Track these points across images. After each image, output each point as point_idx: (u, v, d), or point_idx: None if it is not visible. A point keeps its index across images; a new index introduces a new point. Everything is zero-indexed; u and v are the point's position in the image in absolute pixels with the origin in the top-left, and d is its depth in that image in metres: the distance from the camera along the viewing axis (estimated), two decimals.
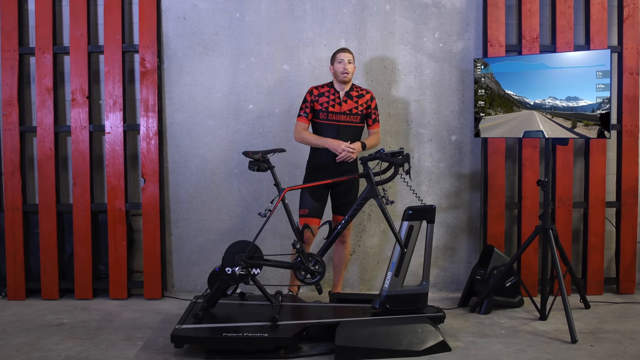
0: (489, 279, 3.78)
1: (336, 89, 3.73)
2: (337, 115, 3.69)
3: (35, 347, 3.19)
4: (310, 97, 3.72)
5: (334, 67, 3.71)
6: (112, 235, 4.11)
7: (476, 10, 4.17)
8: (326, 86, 3.76)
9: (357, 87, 3.78)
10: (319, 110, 3.70)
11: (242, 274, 3.29)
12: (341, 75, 3.67)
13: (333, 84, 3.75)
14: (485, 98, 3.82)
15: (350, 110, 3.70)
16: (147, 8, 4.08)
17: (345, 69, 3.65)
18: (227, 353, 3.06)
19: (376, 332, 3.08)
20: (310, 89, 3.75)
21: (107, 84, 4.10)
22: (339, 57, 3.68)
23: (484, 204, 4.15)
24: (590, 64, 3.45)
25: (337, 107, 3.69)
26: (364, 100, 3.74)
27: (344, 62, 3.66)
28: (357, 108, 3.71)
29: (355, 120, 3.71)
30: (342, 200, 3.74)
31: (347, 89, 3.73)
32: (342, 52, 3.70)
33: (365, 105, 3.74)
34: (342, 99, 3.71)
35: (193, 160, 4.23)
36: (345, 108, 3.70)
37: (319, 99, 3.71)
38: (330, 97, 3.71)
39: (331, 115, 3.69)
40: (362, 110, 3.73)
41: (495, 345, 3.19)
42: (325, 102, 3.70)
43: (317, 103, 3.71)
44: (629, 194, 4.16)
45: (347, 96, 3.72)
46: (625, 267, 4.17)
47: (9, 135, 4.12)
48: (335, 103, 3.70)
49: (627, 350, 3.11)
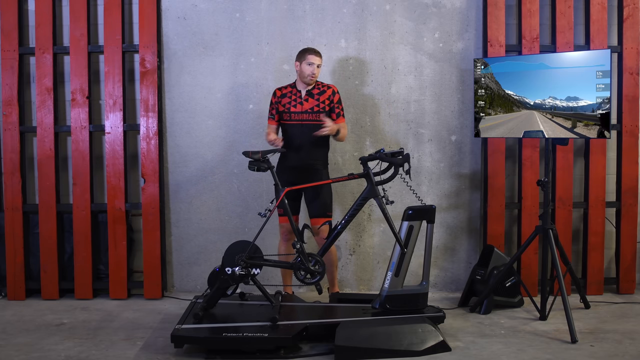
0: (489, 279, 3.78)
1: (298, 88, 3.73)
2: (300, 114, 3.68)
3: (35, 347, 3.19)
4: (274, 98, 3.74)
5: (301, 66, 3.67)
6: (112, 235, 4.11)
7: (476, 10, 4.16)
8: (289, 87, 3.77)
9: (319, 84, 3.76)
10: (283, 112, 3.71)
11: (242, 274, 3.29)
12: (308, 77, 3.65)
13: (296, 83, 3.75)
14: (485, 98, 3.82)
15: (311, 108, 3.69)
16: (147, 8, 4.08)
17: (313, 73, 3.65)
18: (227, 353, 3.06)
19: (376, 332, 3.08)
20: (275, 91, 3.77)
21: (107, 84, 4.10)
22: (310, 58, 3.64)
23: (484, 204, 4.15)
24: (590, 64, 3.45)
25: (299, 107, 3.69)
26: (325, 97, 3.72)
27: (314, 66, 3.64)
28: (318, 106, 3.70)
29: (317, 117, 3.68)
30: (314, 201, 3.71)
31: (310, 88, 3.73)
32: (313, 54, 3.66)
33: (328, 101, 3.73)
34: (303, 98, 3.70)
35: (193, 160, 4.23)
36: (306, 107, 3.69)
37: (281, 100, 3.72)
38: (292, 97, 3.71)
39: (294, 115, 3.69)
40: (324, 108, 3.71)
41: (495, 345, 3.19)
42: (287, 103, 3.71)
43: (280, 104, 3.72)
44: (629, 194, 4.16)
45: (309, 95, 3.71)
46: (625, 267, 4.16)
47: (9, 135, 4.13)
48: (297, 103, 3.70)
49: (627, 350, 3.11)
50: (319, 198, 3.70)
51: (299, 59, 3.69)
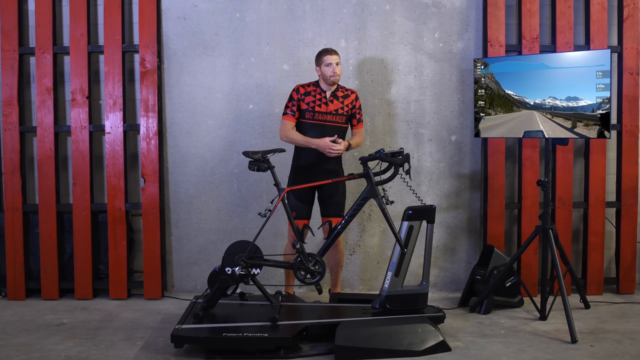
0: (489, 279, 3.78)
1: (322, 88, 3.71)
2: (324, 115, 3.67)
3: (35, 347, 3.19)
4: (297, 95, 3.69)
5: (321, 69, 3.66)
6: (112, 235, 4.11)
7: (476, 10, 4.17)
8: (312, 85, 3.74)
9: (342, 88, 3.76)
10: (305, 110, 3.68)
11: (242, 274, 3.29)
12: (331, 78, 3.64)
13: (319, 83, 3.73)
14: (485, 98, 3.82)
15: (336, 110, 3.69)
16: (147, 8, 4.08)
17: (335, 72, 3.63)
18: (227, 353, 3.06)
19: (376, 332, 3.08)
20: (297, 87, 3.72)
21: (107, 84, 4.10)
22: (326, 59, 3.63)
23: (484, 204, 4.15)
24: (590, 64, 3.45)
25: (324, 107, 3.68)
26: (349, 101, 3.73)
27: (333, 66, 3.62)
28: (342, 109, 3.70)
29: (340, 120, 3.69)
30: (330, 200, 3.72)
31: (334, 89, 3.72)
32: (329, 54, 3.64)
33: (350, 106, 3.73)
34: (328, 99, 3.69)
35: (193, 160, 4.23)
36: (331, 108, 3.68)
37: (305, 98, 3.69)
38: (317, 97, 3.69)
39: (317, 115, 3.67)
40: (347, 111, 3.72)
41: (495, 345, 3.19)
42: (311, 102, 3.68)
43: (304, 102, 3.68)
44: (629, 194, 4.16)
45: (334, 96, 3.71)
46: (625, 267, 4.17)
47: (9, 135, 4.13)
48: (322, 103, 3.68)
49: (627, 350, 3.11)
50: (334, 198, 3.70)
51: (317, 64, 3.68)
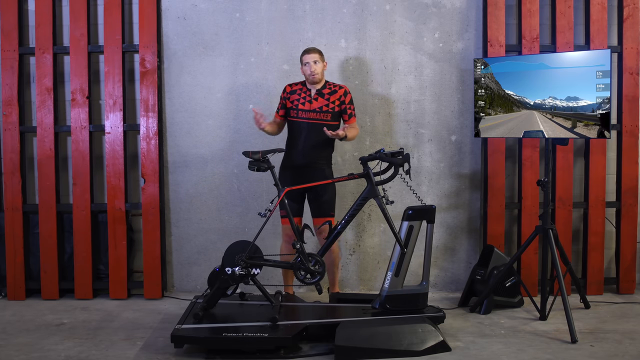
0: (489, 279, 3.78)
1: (308, 87, 3.73)
2: (307, 113, 3.68)
3: (35, 347, 3.19)
4: (284, 94, 3.75)
5: (302, 70, 3.70)
6: (112, 235, 4.11)
7: (476, 10, 4.16)
8: (300, 84, 3.77)
9: (330, 84, 3.75)
10: (290, 108, 3.72)
11: (242, 274, 3.29)
12: (310, 77, 3.66)
13: (306, 82, 3.75)
14: (485, 98, 3.82)
15: (320, 108, 3.68)
16: (147, 8, 4.08)
17: (312, 71, 3.64)
18: (227, 353, 3.06)
19: (376, 332, 3.08)
20: (285, 86, 3.78)
21: (107, 84, 4.10)
22: (304, 59, 3.67)
23: (484, 204, 4.15)
24: (590, 64, 3.45)
25: (307, 105, 3.68)
26: (336, 97, 3.72)
27: (310, 64, 3.64)
28: (327, 106, 3.69)
29: (326, 117, 3.68)
30: (320, 200, 3.70)
31: (319, 87, 3.72)
32: (306, 53, 3.67)
33: (338, 102, 3.72)
34: (312, 97, 3.70)
35: (193, 160, 4.23)
36: (315, 106, 3.68)
37: (290, 97, 3.72)
38: (302, 95, 3.71)
39: (301, 113, 3.69)
40: (333, 108, 3.70)
41: (495, 345, 3.19)
42: (295, 100, 3.70)
43: (289, 101, 3.72)
44: (629, 194, 4.16)
45: (319, 94, 3.71)
46: (625, 267, 4.16)
47: (9, 135, 4.13)
48: (306, 101, 3.69)
49: (627, 350, 3.11)
50: (323, 197, 3.69)
51: (300, 64, 3.71)
